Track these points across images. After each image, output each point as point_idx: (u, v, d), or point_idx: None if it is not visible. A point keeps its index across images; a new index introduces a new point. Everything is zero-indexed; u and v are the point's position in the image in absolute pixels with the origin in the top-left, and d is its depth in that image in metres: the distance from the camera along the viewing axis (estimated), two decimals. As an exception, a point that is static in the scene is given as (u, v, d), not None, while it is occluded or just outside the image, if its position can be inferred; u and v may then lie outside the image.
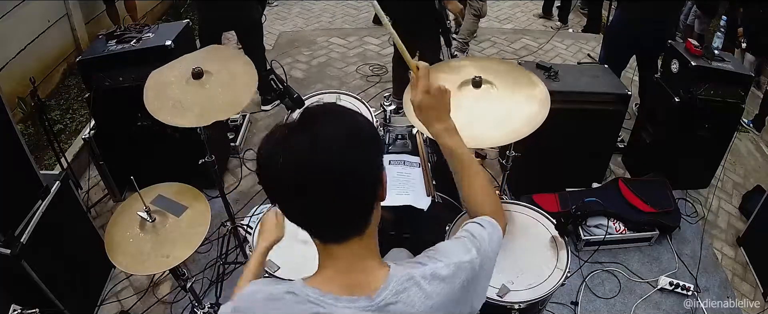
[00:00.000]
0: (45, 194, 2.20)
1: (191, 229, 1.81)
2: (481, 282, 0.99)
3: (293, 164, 0.80)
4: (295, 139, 0.81)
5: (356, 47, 5.06)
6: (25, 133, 3.39)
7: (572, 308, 2.54)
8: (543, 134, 1.72)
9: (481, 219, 1.05)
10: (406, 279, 0.87)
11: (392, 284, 0.86)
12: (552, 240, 1.93)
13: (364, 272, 0.89)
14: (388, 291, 0.86)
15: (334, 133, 0.82)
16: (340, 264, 0.88)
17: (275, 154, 0.81)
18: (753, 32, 3.95)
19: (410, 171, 2.25)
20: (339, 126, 0.84)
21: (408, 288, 0.87)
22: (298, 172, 0.80)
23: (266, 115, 3.98)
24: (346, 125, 0.85)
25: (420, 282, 0.88)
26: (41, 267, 2.05)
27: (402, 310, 0.85)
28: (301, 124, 0.83)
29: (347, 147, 0.82)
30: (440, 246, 0.98)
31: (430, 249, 0.97)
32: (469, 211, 1.13)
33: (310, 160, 0.79)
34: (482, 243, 0.99)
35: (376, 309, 0.85)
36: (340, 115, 0.87)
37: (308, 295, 0.85)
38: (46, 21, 4.01)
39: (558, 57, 4.99)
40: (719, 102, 2.87)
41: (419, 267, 0.90)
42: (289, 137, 0.82)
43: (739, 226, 3.12)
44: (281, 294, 0.87)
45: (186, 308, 2.44)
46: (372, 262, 0.91)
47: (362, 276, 0.88)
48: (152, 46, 2.66)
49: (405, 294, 0.86)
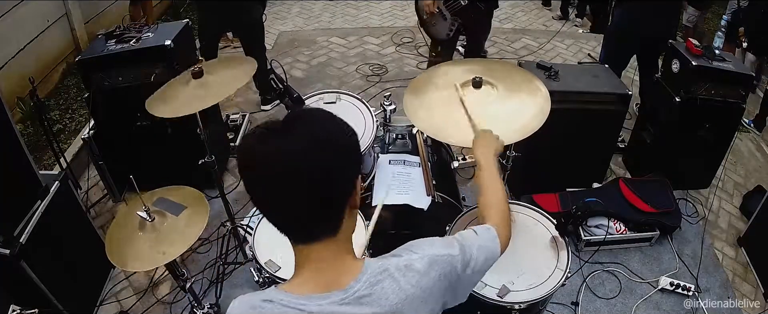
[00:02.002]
0: (44, 194, 2.20)
1: (189, 229, 1.81)
2: (463, 282, 1.01)
3: (264, 162, 0.83)
4: (270, 138, 0.84)
5: (356, 47, 5.05)
6: (24, 133, 3.39)
7: (573, 308, 2.53)
8: (543, 134, 1.72)
9: (480, 226, 1.10)
10: (380, 271, 0.89)
11: (365, 276, 0.89)
12: (552, 240, 1.93)
13: (338, 269, 0.90)
14: (361, 284, 0.88)
15: (307, 136, 0.84)
16: (313, 264, 0.90)
17: (249, 155, 0.85)
18: (754, 32, 3.95)
19: (410, 171, 2.25)
20: (316, 130, 0.86)
21: (382, 280, 0.89)
22: (267, 170, 0.83)
23: (266, 114, 3.98)
24: (325, 130, 0.87)
25: (394, 274, 0.90)
26: (40, 268, 2.04)
27: (376, 302, 0.87)
28: (283, 124, 0.86)
29: (318, 151, 0.84)
30: (420, 241, 1.02)
31: (410, 243, 1.01)
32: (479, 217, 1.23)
33: (280, 160, 0.82)
34: (468, 244, 1.03)
35: (350, 301, 0.86)
36: (321, 120, 0.90)
37: (281, 300, 0.87)
38: (45, 21, 4.00)
39: (558, 57, 4.99)
40: (720, 102, 2.87)
41: (394, 259, 0.93)
42: (266, 136, 0.84)
43: (740, 226, 3.11)
44: (259, 303, 0.88)
45: (185, 308, 2.43)
46: (346, 258, 0.92)
47: (336, 273, 0.90)
48: (152, 46, 2.65)
49: (379, 286, 0.88)
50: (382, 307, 0.88)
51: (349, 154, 0.90)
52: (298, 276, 0.91)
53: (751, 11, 3.90)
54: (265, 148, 0.83)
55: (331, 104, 2.48)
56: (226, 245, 2.63)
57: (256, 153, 0.84)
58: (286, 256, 1.80)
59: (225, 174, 3.31)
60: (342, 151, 0.88)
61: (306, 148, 0.83)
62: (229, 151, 3.46)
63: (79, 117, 3.84)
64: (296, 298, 0.86)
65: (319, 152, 0.84)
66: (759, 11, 3.83)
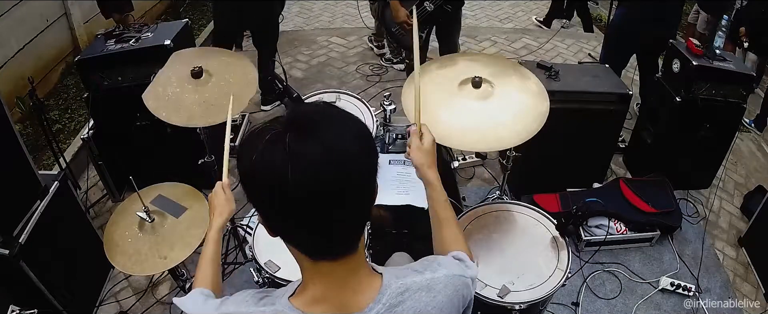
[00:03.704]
0: (43, 194, 2.19)
1: (190, 231, 1.80)
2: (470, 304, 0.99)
3: (307, 177, 0.70)
4: (304, 146, 0.71)
5: (356, 47, 5.05)
6: (23, 133, 3.39)
7: (573, 308, 2.53)
8: (543, 134, 1.71)
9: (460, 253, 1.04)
10: (400, 292, 0.84)
11: (386, 297, 0.83)
12: (553, 240, 1.92)
13: (355, 288, 0.83)
14: (381, 305, 0.82)
15: (345, 140, 0.74)
16: (331, 281, 0.82)
17: (279, 163, 0.71)
18: (754, 32, 3.94)
19: (410, 171, 2.24)
20: (347, 131, 0.76)
21: (403, 302, 0.83)
22: (312, 186, 0.71)
23: (266, 114, 3.97)
24: (353, 130, 0.78)
25: (415, 294, 0.84)
26: (40, 268, 2.04)
27: None
28: (306, 129, 0.73)
29: (359, 154, 0.75)
30: (439, 258, 0.97)
31: (428, 259, 0.96)
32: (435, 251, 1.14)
33: (326, 172, 0.71)
34: (473, 268, 1.00)
35: None
36: (343, 119, 0.79)
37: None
38: (44, 20, 4.00)
39: (559, 56, 4.98)
40: (721, 101, 2.86)
41: (416, 277, 0.87)
42: (295, 144, 0.71)
43: (741, 227, 3.11)
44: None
45: (185, 309, 2.42)
46: (364, 274, 0.85)
47: (352, 292, 0.83)
48: (151, 46, 2.65)
49: (400, 308, 0.83)
50: None
51: (376, 149, 0.83)
52: (310, 291, 0.83)
53: (751, 11, 3.89)
54: (305, 165, 0.70)
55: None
56: (226, 245, 2.62)
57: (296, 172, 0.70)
58: (285, 257, 1.79)
59: (225, 175, 3.30)
60: (373, 147, 0.80)
61: (350, 154, 0.73)
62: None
63: (78, 117, 3.83)
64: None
65: (361, 155, 0.75)
66: (759, 11, 3.82)
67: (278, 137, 0.72)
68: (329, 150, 0.71)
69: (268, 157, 0.72)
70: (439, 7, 3.15)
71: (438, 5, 3.14)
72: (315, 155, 0.71)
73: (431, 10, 3.16)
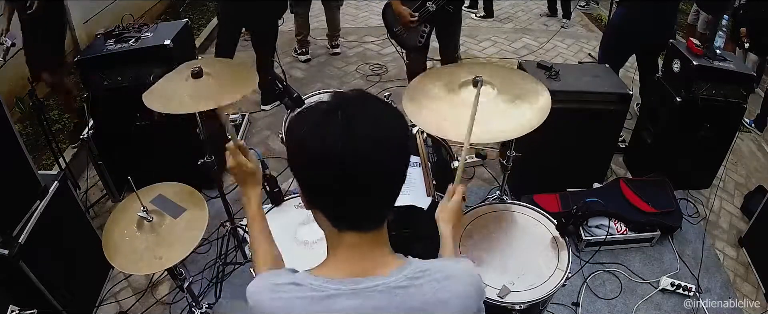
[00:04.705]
0: (43, 194, 2.19)
1: (187, 232, 1.80)
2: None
3: (358, 150, 0.77)
4: (356, 122, 0.78)
5: (356, 47, 5.04)
6: (23, 133, 3.38)
7: (573, 309, 2.53)
8: (544, 134, 1.71)
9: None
10: (422, 270, 0.87)
11: (407, 271, 0.86)
12: (553, 240, 1.92)
13: (377, 260, 0.88)
14: (402, 275, 0.85)
15: (391, 122, 0.83)
16: (354, 251, 0.87)
17: (333, 135, 0.77)
18: (755, 32, 3.94)
19: (410, 171, 2.22)
20: (392, 115, 0.85)
21: (421, 277, 0.86)
22: (361, 159, 0.77)
23: (266, 114, 3.97)
24: (396, 114, 0.86)
25: (435, 275, 0.87)
26: (39, 268, 2.04)
27: (411, 294, 0.84)
28: (359, 106, 0.82)
29: (401, 136, 0.84)
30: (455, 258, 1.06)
31: (446, 257, 1.04)
32: None
33: (377, 147, 0.79)
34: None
35: (384, 288, 0.83)
36: (386, 104, 0.88)
37: (311, 283, 0.84)
38: (44, 20, 3.99)
39: (559, 56, 4.98)
40: (721, 101, 2.86)
41: (437, 263, 0.91)
42: (349, 119, 0.78)
43: (741, 227, 3.10)
44: (284, 285, 0.86)
45: (185, 309, 2.42)
46: (387, 250, 0.90)
47: (374, 263, 0.87)
48: (151, 46, 2.65)
49: (418, 282, 0.85)
50: (414, 301, 0.84)
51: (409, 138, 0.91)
52: (331, 262, 0.89)
53: (751, 11, 3.89)
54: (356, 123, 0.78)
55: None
56: (226, 245, 2.62)
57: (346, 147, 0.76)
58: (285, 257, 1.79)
59: (224, 174, 3.30)
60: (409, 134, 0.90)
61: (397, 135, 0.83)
62: (228, 151, 3.44)
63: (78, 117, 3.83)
64: (328, 282, 0.84)
65: (404, 137, 0.84)
66: (759, 11, 3.82)
67: (332, 111, 0.79)
68: (378, 127, 0.80)
69: (322, 129, 0.78)
70: (441, 7, 3.15)
71: (440, 5, 3.14)
72: (366, 129, 0.78)
73: (433, 11, 3.16)
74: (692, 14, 5.04)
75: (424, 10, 3.16)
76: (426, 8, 3.16)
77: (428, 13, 3.16)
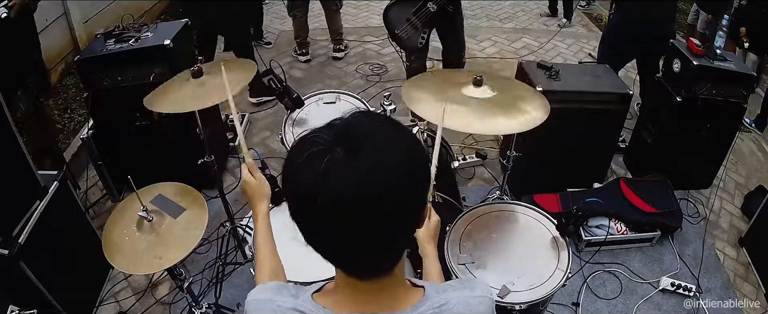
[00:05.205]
0: (43, 194, 2.19)
1: (187, 232, 1.80)
2: None
3: (338, 197, 0.67)
4: (344, 166, 0.67)
5: (356, 47, 5.04)
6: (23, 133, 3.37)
7: (573, 309, 2.53)
8: (544, 134, 1.71)
9: None
10: (440, 305, 0.82)
11: (425, 306, 0.81)
12: (553, 240, 1.92)
13: (390, 301, 0.82)
14: (424, 307, 0.81)
15: (389, 167, 0.69)
16: (363, 293, 0.81)
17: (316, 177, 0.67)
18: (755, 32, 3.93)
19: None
20: (395, 155, 0.71)
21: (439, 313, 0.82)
22: (341, 206, 0.68)
23: (266, 114, 3.97)
24: (403, 153, 0.72)
25: (454, 308, 0.83)
26: (39, 268, 2.03)
27: None
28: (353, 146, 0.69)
29: (400, 184, 0.70)
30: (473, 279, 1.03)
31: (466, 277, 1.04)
32: None
33: (361, 196, 0.67)
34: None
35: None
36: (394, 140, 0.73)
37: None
38: (44, 20, 3.98)
39: (559, 56, 4.98)
40: (721, 101, 2.86)
41: (455, 292, 0.86)
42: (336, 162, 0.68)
43: (741, 227, 3.10)
44: (286, 310, 0.81)
45: (185, 309, 2.42)
46: (401, 291, 0.83)
47: (386, 303, 0.81)
48: (151, 46, 2.65)
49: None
50: None
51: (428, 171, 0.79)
52: (340, 293, 0.82)
53: (751, 11, 3.89)
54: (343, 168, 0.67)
55: (331, 104, 2.47)
56: (226, 245, 2.62)
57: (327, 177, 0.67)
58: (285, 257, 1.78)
59: (224, 174, 3.30)
60: (424, 169, 0.76)
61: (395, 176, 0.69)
62: (228, 151, 3.45)
63: (78, 117, 3.83)
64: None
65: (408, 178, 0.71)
66: (759, 11, 3.81)
67: (325, 149, 0.69)
68: (369, 173, 0.67)
69: (308, 168, 0.69)
70: (441, 8, 3.14)
71: (440, 5, 3.13)
72: (353, 176, 0.67)
73: (434, 11, 3.15)
74: (692, 14, 5.04)
75: (425, 11, 3.16)
76: (427, 8, 3.15)
77: (429, 13, 3.16)
